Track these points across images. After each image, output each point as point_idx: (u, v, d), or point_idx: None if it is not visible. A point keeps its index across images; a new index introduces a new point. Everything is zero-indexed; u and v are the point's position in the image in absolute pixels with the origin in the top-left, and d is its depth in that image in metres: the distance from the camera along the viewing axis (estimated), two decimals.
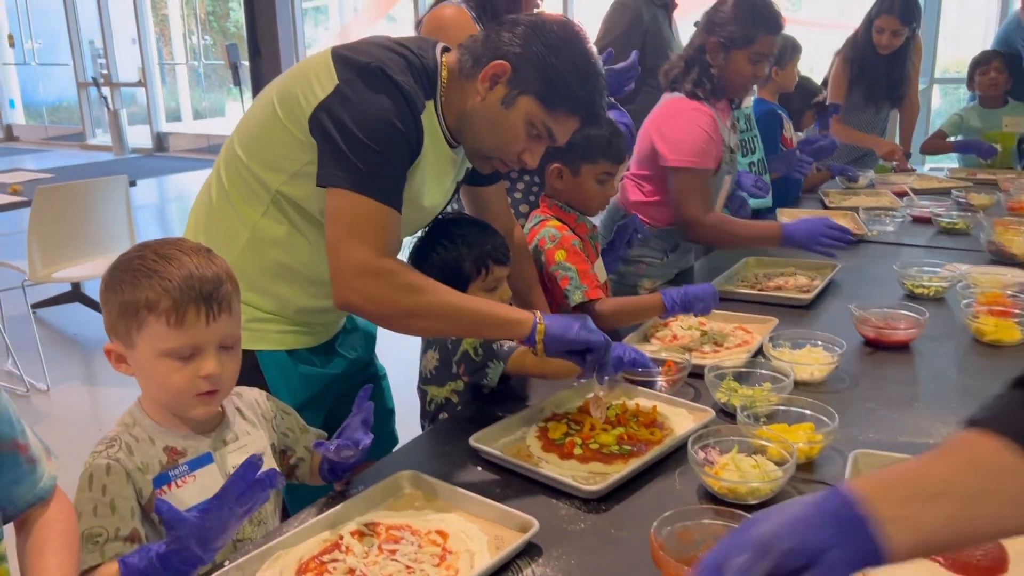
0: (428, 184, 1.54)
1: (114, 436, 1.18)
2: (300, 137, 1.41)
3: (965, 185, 3.75)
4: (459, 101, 1.49)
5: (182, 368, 1.15)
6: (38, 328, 4.33)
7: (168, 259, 1.15)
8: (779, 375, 1.64)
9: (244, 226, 1.52)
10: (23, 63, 14.26)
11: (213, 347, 1.17)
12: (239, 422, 1.30)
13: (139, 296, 1.12)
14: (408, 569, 1.12)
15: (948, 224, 2.99)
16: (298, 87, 1.42)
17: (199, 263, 1.16)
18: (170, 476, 1.18)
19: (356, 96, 1.37)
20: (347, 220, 1.38)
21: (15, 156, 11.77)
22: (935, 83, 6.83)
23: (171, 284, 1.12)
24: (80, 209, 4.08)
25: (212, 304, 1.15)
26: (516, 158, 1.52)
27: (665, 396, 1.62)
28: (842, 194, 3.62)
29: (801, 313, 2.15)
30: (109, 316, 1.17)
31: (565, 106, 1.46)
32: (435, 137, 1.50)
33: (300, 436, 1.40)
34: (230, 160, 1.53)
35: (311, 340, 1.64)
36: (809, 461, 1.39)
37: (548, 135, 1.49)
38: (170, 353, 1.14)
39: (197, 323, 1.14)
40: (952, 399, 1.64)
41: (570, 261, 1.93)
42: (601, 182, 1.98)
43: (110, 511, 1.12)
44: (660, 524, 1.10)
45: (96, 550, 1.10)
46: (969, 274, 2.29)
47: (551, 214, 2.03)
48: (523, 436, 1.50)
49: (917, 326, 1.90)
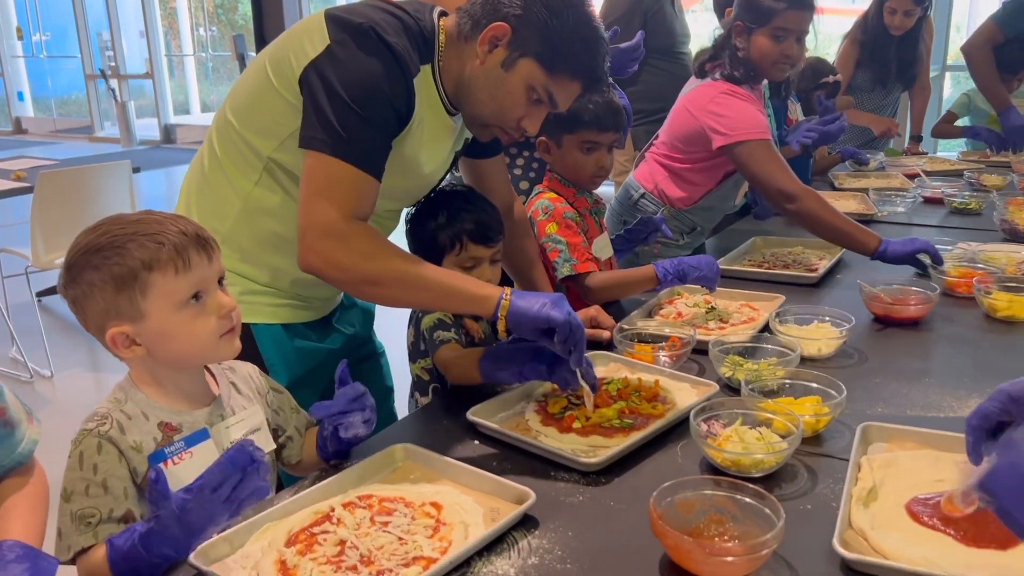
0: (425, 151, 1.51)
1: (104, 413, 1.13)
2: (292, 101, 1.38)
3: (977, 167, 3.69)
4: (457, 66, 1.46)
5: (200, 313, 1.14)
6: (42, 315, 4.32)
7: (140, 221, 1.13)
8: (785, 350, 1.60)
9: (237, 196, 1.48)
10: (31, 56, 14.28)
11: (215, 284, 1.17)
12: (235, 396, 1.27)
13: (133, 261, 1.09)
14: (400, 540, 1.08)
15: (960, 204, 2.94)
16: (290, 49, 1.39)
17: (173, 218, 1.15)
18: (166, 453, 1.15)
19: (346, 56, 1.34)
20: (319, 181, 1.35)
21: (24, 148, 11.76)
22: (947, 70, 6.75)
23: (165, 237, 1.11)
24: (83, 195, 4.07)
25: (204, 243, 1.15)
26: (516, 125, 1.48)
27: (668, 371, 1.58)
28: (852, 176, 3.57)
29: (809, 291, 2.11)
30: (102, 300, 1.10)
31: (566, 69, 1.41)
32: (432, 103, 1.47)
33: (291, 416, 1.36)
34: (222, 128, 1.50)
35: (307, 315, 1.61)
36: (816, 434, 1.35)
37: (549, 100, 1.45)
38: (185, 301, 1.13)
39: (200, 263, 1.13)
40: (964, 373, 1.60)
41: (560, 234, 1.90)
42: (587, 151, 1.94)
43: (102, 491, 1.08)
44: (660, 494, 1.06)
45: (89, 531, 1.06)
46: (981, 252, 2.24)
47: (549, 187, 2.00)
48: (522, 410, 1.46)
49: (928, 302, 1.86)
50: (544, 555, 1.07)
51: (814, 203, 2.23)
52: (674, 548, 1.01)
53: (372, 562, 1.04)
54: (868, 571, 1.00)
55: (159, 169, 10.21)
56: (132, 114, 12.25)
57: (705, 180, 2.50)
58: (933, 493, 1.11)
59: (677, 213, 2.52)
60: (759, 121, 2.30)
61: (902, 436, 1.29)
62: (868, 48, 3.94)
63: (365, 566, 1.03)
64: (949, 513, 1.03)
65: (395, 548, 1.06)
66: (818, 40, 2.55)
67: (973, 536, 1.03)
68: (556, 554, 1.07)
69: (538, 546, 1.08)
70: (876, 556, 1.02)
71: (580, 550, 1.07)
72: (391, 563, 1.03)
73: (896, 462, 1.22)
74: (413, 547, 1.07)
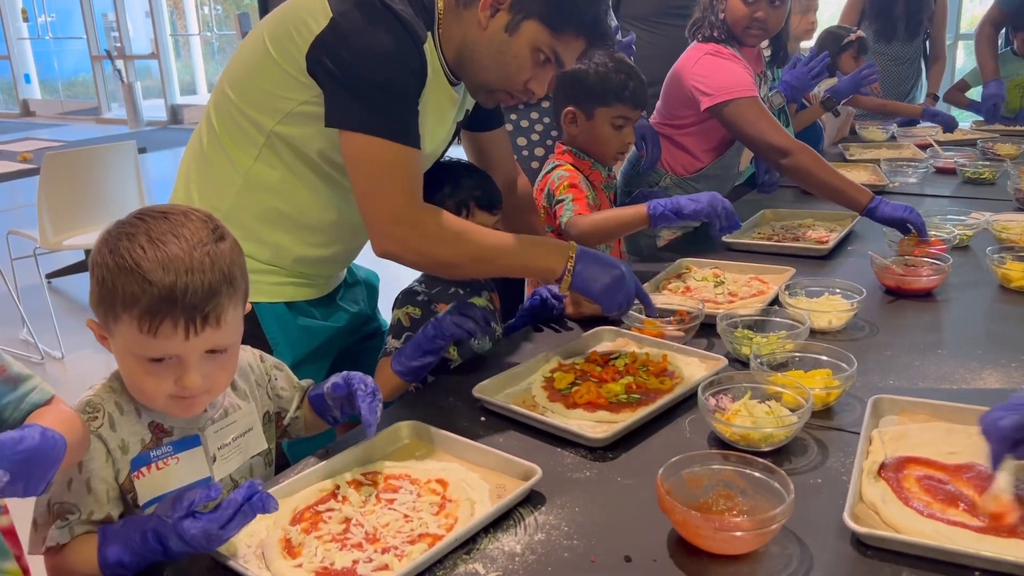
0: (431, 121, 1.49)
1: (98, 404, 1.07)
2: (295, 75, 1.36)
3: (991, 136, 3.63)
4: (458, 33, 1.43)
5: (156, 373, 1.02)
6: (52, 297, 4.33)
7: (160, 244, 0.99)
8: (795, 323, 1.58)
9: (237, 172, 1.47)
10: (37, 38, 14.25)
11: (196, 356, 1.03)
12: (229, 395, 1.20)
13: (117, 287, 0.98)
14: (406, 518, 1.08)
15: (973, 174, 2.89)
16: (291, 23, 1.36)
17: (194, 261, 0.99)
18: (151, 457, 1.09)
19: (353, 30, 1.31)
20: (371, 168, 1.35)
21: (32, 131, 11.78)
22: (960, 39, 6.65)
23: (152, 288, 0.97)
24: (89, 175, 4.06)
25: (195, 317, 0.99)
26: (523, 87, 1.47)
27: (676, 345, 1.56)
28: (863, 147, 3.52)
29: (819, 264, 2.08)
30: (92, 289, 1.03)
31: (571, 26, 1.40)
32: (435, 72, 1.45)
33: (293, 393, 1.33)
34: (221, 104, 1.48)
35: (311, 292, 1.60)
36: (826, 407, 1.33)
37: (555, 60, 1.43)
38: (142, 357, 1.02)
39: (174, 336, 0.99)
40: (978, 345, 1.57)
41: (568, 192, 1.88)
42: (618, 127, 1.92)
43: (85, 490, 1.04)
44: (668, 470, 1.05)
45: (65, 527, 1.02)
46: (995, 221, 2.20)
47: (565, 160, 1.97)
48: (528, 386, 1.45)
49: (940, 273, 1.83)
50: (551, 531, 1.06)
51: (808, 158, 2.21)
52: (682, 524, 1.00)
53: (378, 539, 1.03)
54: (879, 545, 0.99)
55: (166, 150, 10.19)
56: (139, 95, 12.23)
57: (700, 144, 2.48)
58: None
59: (680, 181, 2.50)
60: (743, 79, 2.27)
61: (914, 408, 1.27)
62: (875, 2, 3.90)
63: (370, 543, 1.02)
64: (992, 511, 1.01)
65: (401, 525, 1.06)
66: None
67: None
68: (563, 530, 1.06)
69: (545, 522, 1.07)
70: (888, 530, 1.00)
71: (587, 526, 1.06)
72: (397, 540, 1.03)
73: (908, 435, 1.20)
74: (419, 524, 1.06)
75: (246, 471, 1.22)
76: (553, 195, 1.91)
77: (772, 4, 2.26)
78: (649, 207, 1.79)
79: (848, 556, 0.99)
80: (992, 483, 1.02)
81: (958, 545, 0.96)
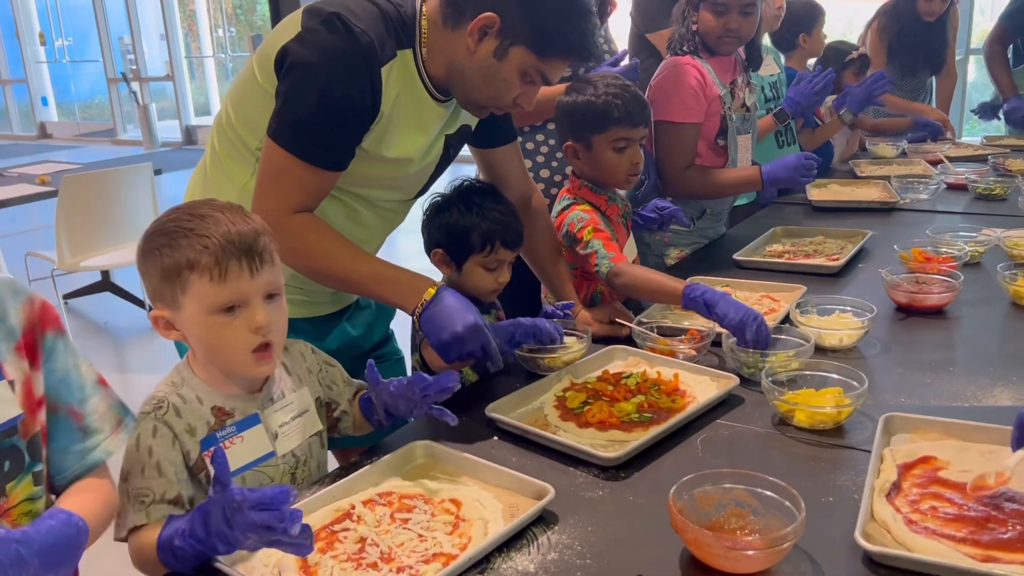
0: (406, 138, 1.51)
1: (162, 397, 1.18)
2: (272, 93, 1.41)
3: (1002, 151, 3.63)
4: (445, 52, 1.47)
5: (231, 323, 1.14)
6: (69, 318, 4.38)
7: (203, 217, 1.14)
8: (803, 341, 1.58)
9: (233, 188, 1.52)
10: (55, 61, 14.45)
11: (259, 298, 1.15)
12: (284, 379, 1.30)
13: (179, 257, 1.11)
14: (420, 537, 1.09)
15: (984, 190, 2.89)
16: (271, 44, 1.42)
17: (234, 218, 1.15)
18: (218, 438, 1.18)
19: (309, 44, 1.36)
20: (268, 170, 1.42)
21: (49, 153, 11.93)
22: (970, 54, 6.65)
23: (211, 241, 1.11)
24: (106, 197, 4.11)
25: (253, 256, 1.14)
26: (511, 104, 1.51)
27: (688, 364, 1.57)
28: (873, 164, 3.52)
29: (830, 281, 2.09)
30: (151, 283, 1.16)
31: (558, 51, 1.44)
32: (412, 88, 1.48)
33: (344, 389, 1.39)
34: (221, 124, 1.54)
35: (313, 310, 1.62)
36: (838, 426, 1.34)
37: (542, 78, 1.47)
38: (217, 309, 1.13)
39: (241, 276, 1.13)
40: (990, 362, 1.57)
41: (595, 237, 1.86)
42: (619, 149, 1.88)
43: (156, 473, 1.12)
44: (679, 488, 1.06)
45: (142, 510, 1.10)
46: (1006, 238, 2.20)
47: (580, 196, 1.95)
48: (540, 406, 1.46)
49: (952, 290, 1.83)
50: (564, 550, 1.06)
51: (688, 179, 2.37)
52: (694, 542, 1.00)
53: (392, 559, 1.04)
54: (891, 564, 0.99)
55: (181, 171, 10.26)
56: (154, 116, 12.37)
57: None
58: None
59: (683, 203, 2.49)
60: (681, 103, 2.31)
61: (926, 426, 1.28)
62: (897, 36, 3.90)
63: (385, 563, 1.04)
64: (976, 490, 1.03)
65: (415, 545, 1.07)
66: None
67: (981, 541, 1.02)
68: (576, 549, 1.07)
69: (557, 541, 1.08)
70: (899, 549, 1.01)
71: (600, 545, 1.07)
72: (411, 560, 1.04)
73: (919, 453, 1.20)
74: (433, 544, 1.07)
75: (306, 448, 1.30)
76: (575, 238, 1.89)
77: (743, 13, 2.28)
78: (686, 295, 1.68)
79: (860, 575, 0.99)
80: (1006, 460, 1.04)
81: (969, 564, 0.96)
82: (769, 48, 3.23)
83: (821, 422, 1.32)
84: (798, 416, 1.33)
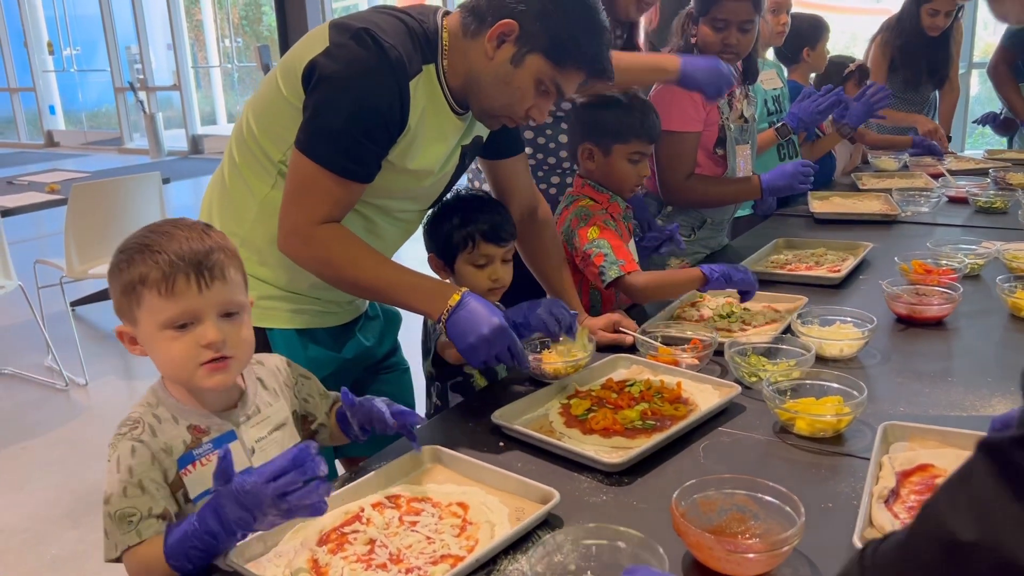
0: (429, 150, 1.54)
1: (137, 418, 1.17)
2: (298, 106, 1.44)
3: (1003, 165, 3.66)
4: (463, 63, 1.50)
5: (180, 337, 1.13)
6: (76, 325, 4.41)
7: (163, 234, 1.15)
8: (804, 352, 1.61)
9: (254, 199, 1.54)
10: (63, 70, 14.55)
11: (212, 315, 1.14)
12: (260, 393, 1.29)
13: (134, 272, 1.12)
14: (428, 540, 1.11)
15: (985, 203, 2.92)
16: (297, 57, 1.44)
17: (191, 236, 1.15)
18: (194, 455, 1.18)
19: (337, 59, 1.39)
20: (296, 180, 1.44)
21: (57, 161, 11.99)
22: (973, 68, 6.69)
23: (162, 256, 1.12)
24: (115, 206, 4.15)
25: (203, 271, 1.13)
26: (524, 115, 1.53)
27: (691, 373, 1.59)
28: (876, 177, 3.55)
29: (832, 292, 2.11)
30: (115, 298, 1.17)
31: (573, 62, 1.47)
32: (435, 101, 1.51)
33: (320, 402, 1.39)
34: (242, 136, 1.56)
35: (328, 320, 1.65)
36: (838, 434, 1.36)
37: (556, 90, 1.50)
38: (168, 324, 1.13)
39: (188, 291, 1.12)
40: (988, 373, 1.60)
41: (603, 237, 1.91)
42: (634, 162, 1.98)
43: (139, 491, 1.11)
44: (682, 493, 1.08)
45: (132, 530, 1.09)
46: (1006, 251, 2.23)
47: (584, 194, 2.02)
48: (546, 412, 1.49)
49: (951, 302, 1.86)
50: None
51: (688, 189, 2.41)
52: (696, 545, 1.03)
53: (401, 560, 1.07)
54: None
55: (187, 179, 10.35)
56: (160, 125, 12.44)
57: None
58: None
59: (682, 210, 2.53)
60: (680, 112, 2.34)
61: (924, 435, 1.30)
62: (901, 51, 3.93)
63: (394, 564, 1.06)
64: None
65: (423, 547, 1.10)
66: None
67: None
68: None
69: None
70: None
71: None
72: (419, 561, 1.07)
73: (918, 461, 1.23)
74: (441, 546, 1.10)
75: None
76: (573, 232, 1.94)
77: (742, 30, 2.31)
78: (706, 272, 1.84)
79: None
80: None
81: None
82: (772, 62, 3.26)
83: (821, 430, 1.35)
84: (799, 424, 1.36)
